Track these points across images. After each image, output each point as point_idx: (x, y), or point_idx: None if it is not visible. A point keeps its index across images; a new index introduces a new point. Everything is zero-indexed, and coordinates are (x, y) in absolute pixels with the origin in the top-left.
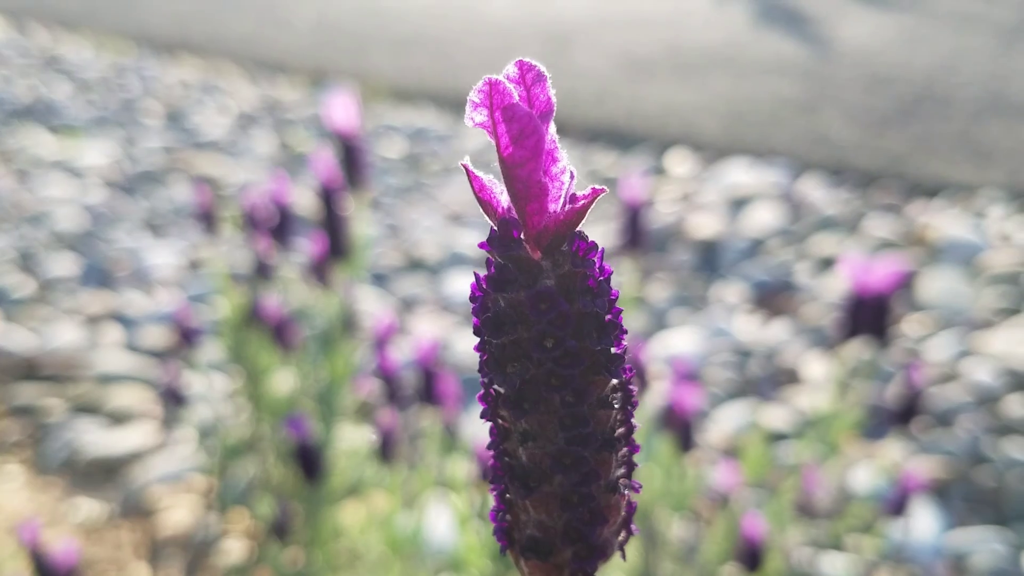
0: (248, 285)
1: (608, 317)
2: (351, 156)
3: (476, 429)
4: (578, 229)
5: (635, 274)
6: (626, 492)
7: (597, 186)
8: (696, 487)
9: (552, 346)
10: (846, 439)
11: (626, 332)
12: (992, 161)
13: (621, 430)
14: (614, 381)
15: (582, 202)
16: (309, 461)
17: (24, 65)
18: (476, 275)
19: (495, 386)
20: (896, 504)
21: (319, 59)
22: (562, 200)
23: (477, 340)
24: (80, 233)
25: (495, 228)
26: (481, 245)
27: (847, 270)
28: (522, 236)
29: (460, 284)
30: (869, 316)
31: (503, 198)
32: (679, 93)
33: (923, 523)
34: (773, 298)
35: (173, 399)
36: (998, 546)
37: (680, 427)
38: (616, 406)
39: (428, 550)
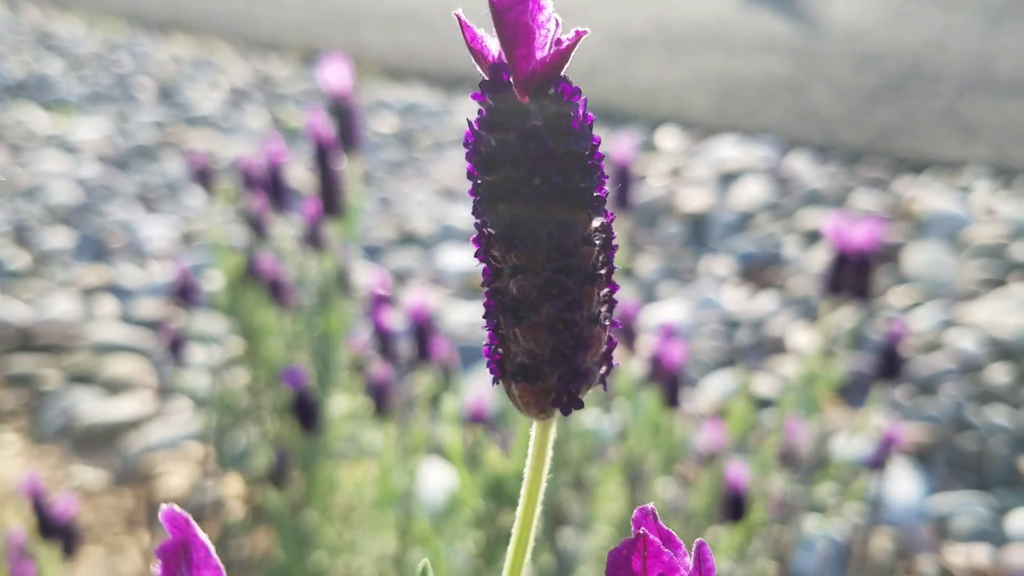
0: (244, 247)
1: (590, 161)
2: (344, 117)
3: (471, 387)
4: (562, 74)
5: (624, 236)
6: (607, 324)
7: (580, 29)
8: (683, 444)
9: (539, 183)
10: (828, 401)
11: (607, 177)
12: (978, 137)
13: (603, 270)
14: (596, 223)
15: (567, 44)
16: (306, 412)
17: (16, 41)
18: (469, 121)
19: (487, 228)
20: (876, 460)
21: (310, 36)
22: (548, 46)
23: (471, 185)
24: (74, 207)
25: (487, 75)
26: (474, 96)
27: (831, 229)
28: (511, 81)
29: (452, 258)
30: (852, 274)
31: (493, 47)
32: (669, 70)
33: (906, 487)
34: (761, 270)
35: (173, 356)
36: (980, 509)
37: (667, 381)
38: (598, 244)
39: (422, 504)
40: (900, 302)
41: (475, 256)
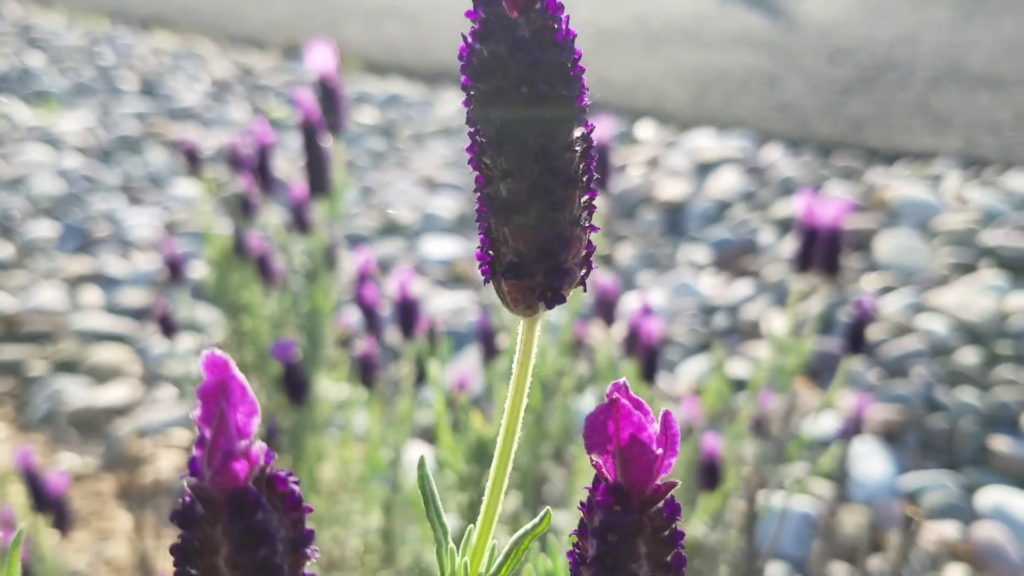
0: (230, 229)
1: (572, 72)
2: (329, 97)
3: (456, 368)
4: None
5: (603, 224)
6: (587, 228)
7: None
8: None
9: (527, 91)
10: (800, 382)
11: (587, 90)
12: (949, 128)
13: (583, 177)
14: (577, 132)
15: None
16: (295, 386)
17: None
18: (463, 35)
19: (480, 136)
20: (847, 431)
21: (292, 30)
22: None
23: (464, 97)
24: (57, 198)
25: None
26: (468, 13)
27: (802, 207)
28: None
29: (434, 246)
30: (822, 251)
31: None
32: (648, 63)
33: (877, 466)
34: (736, 258)
35: (163, 330)
36: (950, 486)
37: (644, 356)
38: (579, 151)
39: (406, 475)
40: (872, 287)
41: (468, 163)
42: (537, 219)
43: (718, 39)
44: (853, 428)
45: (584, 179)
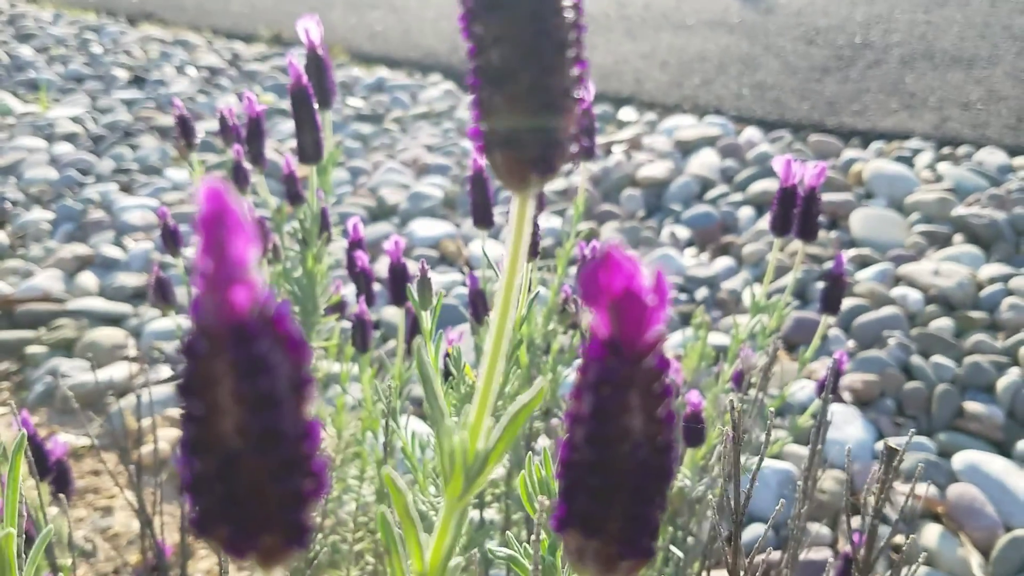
0: None
1: None
2: (317, 68)
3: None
4: None
5: (586, 204)
6: (578, 100)
7: None
8: None
9: None
10: (779, 348)
11: None
12: (924, 106)
13: (574, 46)
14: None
15: None
16: None
17: None
18: None
19: (471, 2)
20: (825, 384)
21: (279, 18)
22: None
23: None
24: (51, 185)
25: None
26: None
27: (781, 167)
28: None
29: (423, 227)
30: (800, 213)
31: None
32: (629, 47)
33: (854, 431)
34: (717, 235)
35: (159, 297)
36: (928, 446)
37: None
38: (569, 18)
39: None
40: (847, 263)
41: (461, 33)
42: (529, 85)
43: (697, 21)
44: (832, 380)
45: (574, 49)
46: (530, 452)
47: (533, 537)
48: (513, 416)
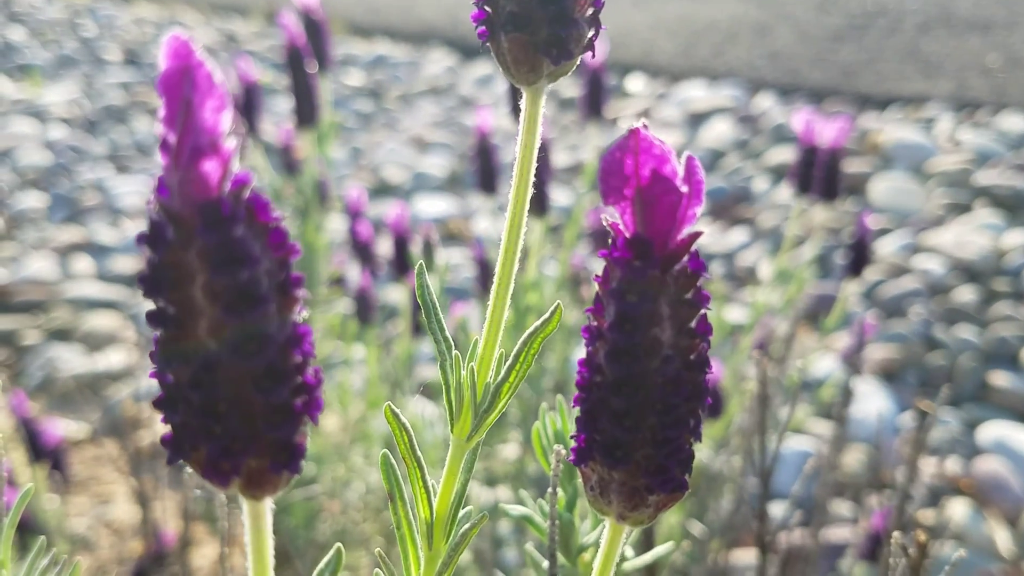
0: None
1: None
2: (314, 30)
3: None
4: None
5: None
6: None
7: None
8: None
9: None
10: (799, 326)
11: None
12: (941, 72)
13: None
14: None
15: None
16: None
17: None
18: None
19: None
20: (852, 352)
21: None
22: None
23: None
24: (45, 169)
25: None
26: None
27: (801, 125)
28: None
29: (427, 205)
30: (821, 171)
31: None
32: (636, 16)
33: (878, 404)
34: (731, 207)
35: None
36: (951, 423)
37: None
38: None
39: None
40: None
41: None
42: None
43: None
44: (856, 351)
45: None
46: (543, 404)
47: (549, 490)
48: (526, 341)
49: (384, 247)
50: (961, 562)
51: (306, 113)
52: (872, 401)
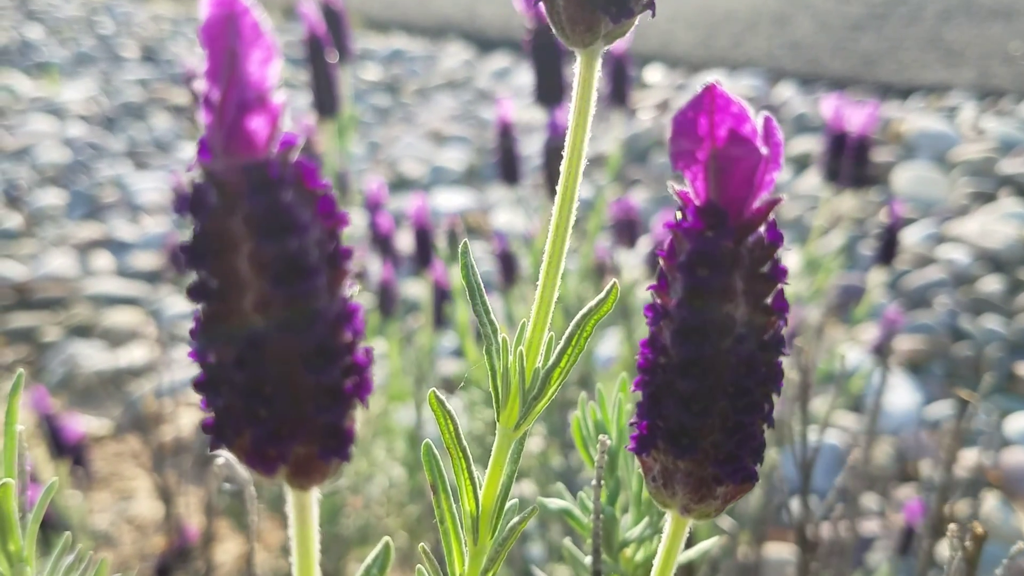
0: None
1: None
2: (334, 20)
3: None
4: None
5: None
6: None
7: None
8: None
9: None
10: (826, 317)
11: None
12: (963, 60)
13: None
14: None
15: None
16: None
17: None
18: None
19: None
20: (881, 343)
21: None
22: None
23: None
24: (64, 166)
25: None
26: None
27: (830, 112)
28: None
29: (445, 199)
30: (850, 159)
31: None
32: (656, 6)
33: (904, 396)
34: None
35: (176, 268)
36: (979, 414)
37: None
38: None
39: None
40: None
41: None
42: None
43: None
44: (885, 342)
45: None
46: (583, 393)
47: (593, 482)
48: (579, 323)
49: (403, 242)
50: (1005, 554)
51: (327, 104)
52: (898, 393)
